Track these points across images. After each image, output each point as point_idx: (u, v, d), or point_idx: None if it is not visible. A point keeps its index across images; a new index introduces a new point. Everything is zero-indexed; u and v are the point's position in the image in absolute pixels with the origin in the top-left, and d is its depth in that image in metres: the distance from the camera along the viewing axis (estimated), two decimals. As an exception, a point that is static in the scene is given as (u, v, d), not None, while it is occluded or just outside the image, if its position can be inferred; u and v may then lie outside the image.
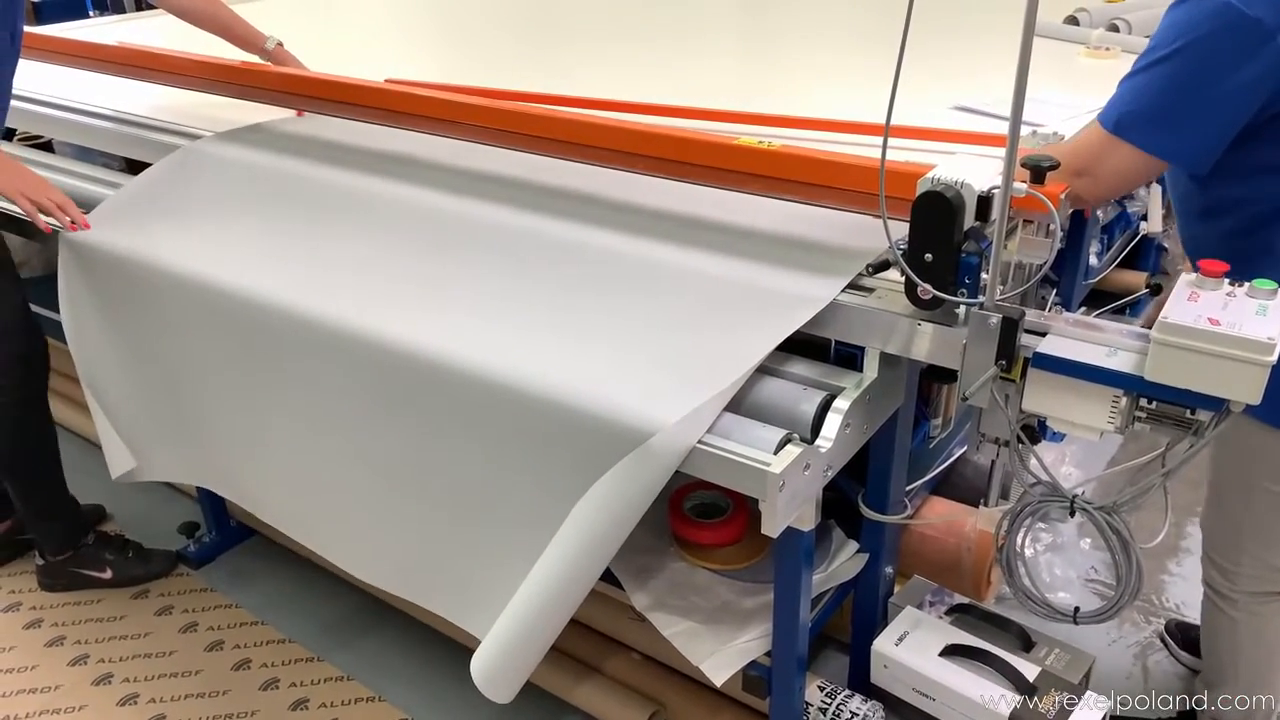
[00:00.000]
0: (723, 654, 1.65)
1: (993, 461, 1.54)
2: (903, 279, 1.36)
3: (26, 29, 2.24)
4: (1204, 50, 1.31)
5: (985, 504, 2.08)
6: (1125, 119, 1.37)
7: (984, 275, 1.32)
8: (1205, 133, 1.35)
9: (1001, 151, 1.23)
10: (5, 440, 2.23)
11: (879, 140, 1.31)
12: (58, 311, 2.04)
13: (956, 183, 1.30)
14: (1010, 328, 1.29)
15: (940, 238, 1.31)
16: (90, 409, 2.09)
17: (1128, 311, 3.51)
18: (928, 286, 1.34)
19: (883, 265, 1.42)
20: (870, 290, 1.47)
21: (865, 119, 2.00)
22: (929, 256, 1.33)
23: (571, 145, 1.89)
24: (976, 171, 1.32)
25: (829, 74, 2.72)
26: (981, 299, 1.32)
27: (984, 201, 1.31)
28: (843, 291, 1.46)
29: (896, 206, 1.39)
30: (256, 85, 2.36)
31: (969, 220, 1.32)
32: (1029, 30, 1.14)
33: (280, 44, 2.35)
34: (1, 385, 2.16)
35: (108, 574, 2.40)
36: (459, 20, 3.74)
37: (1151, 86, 1.36)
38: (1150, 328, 1.23)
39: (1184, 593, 2.33)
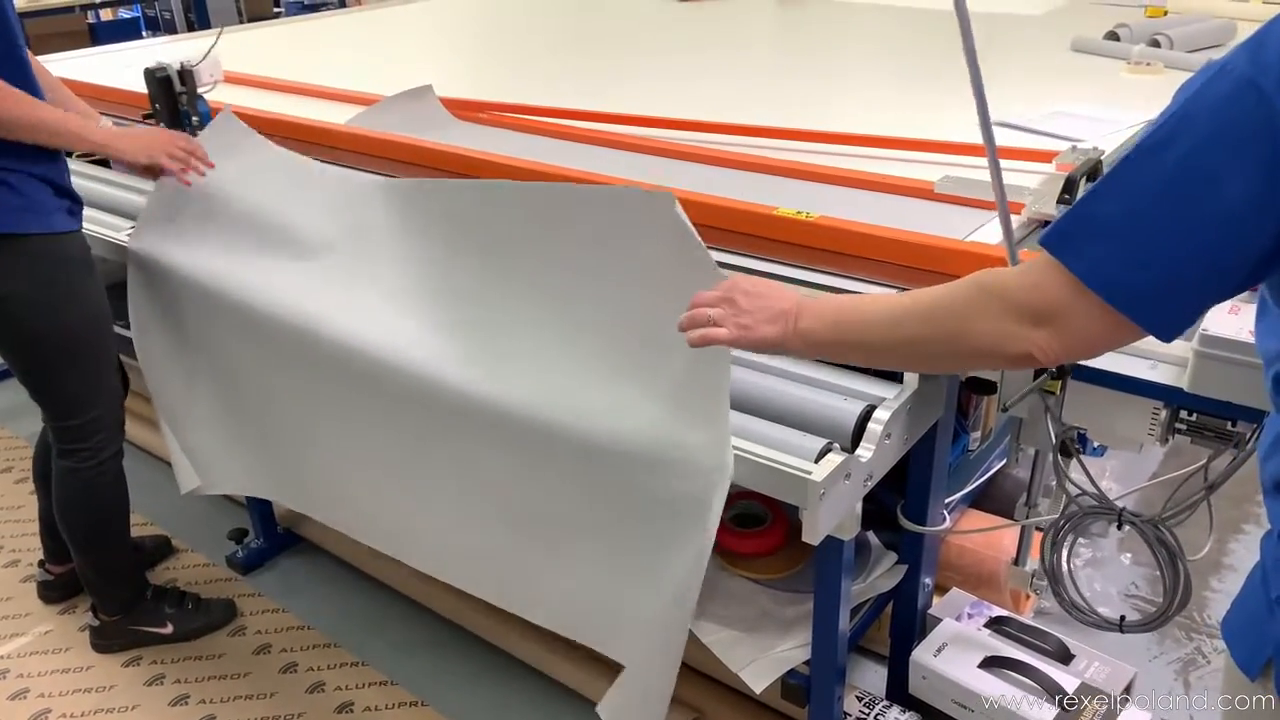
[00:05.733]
0: (762, 662, 1.66)
1: (1032, 474, 1.55)
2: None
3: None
4: None
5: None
6: None
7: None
8: None
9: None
10: (90, 504, 2.12)
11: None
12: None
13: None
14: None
15: None
16: (160, 427, 2.14)
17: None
18: None
19: None
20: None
21: (900, 134, 2.02)
22: None
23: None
24: None
25: (865, 90, 2.74)
26: None
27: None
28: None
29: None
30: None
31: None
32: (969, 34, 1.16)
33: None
34: (95, 446, 2.05)
35: (169, 629, 2.32)
36: (505, 38, 3.80)
37: None
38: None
39: (1226, 609, 2.31)
